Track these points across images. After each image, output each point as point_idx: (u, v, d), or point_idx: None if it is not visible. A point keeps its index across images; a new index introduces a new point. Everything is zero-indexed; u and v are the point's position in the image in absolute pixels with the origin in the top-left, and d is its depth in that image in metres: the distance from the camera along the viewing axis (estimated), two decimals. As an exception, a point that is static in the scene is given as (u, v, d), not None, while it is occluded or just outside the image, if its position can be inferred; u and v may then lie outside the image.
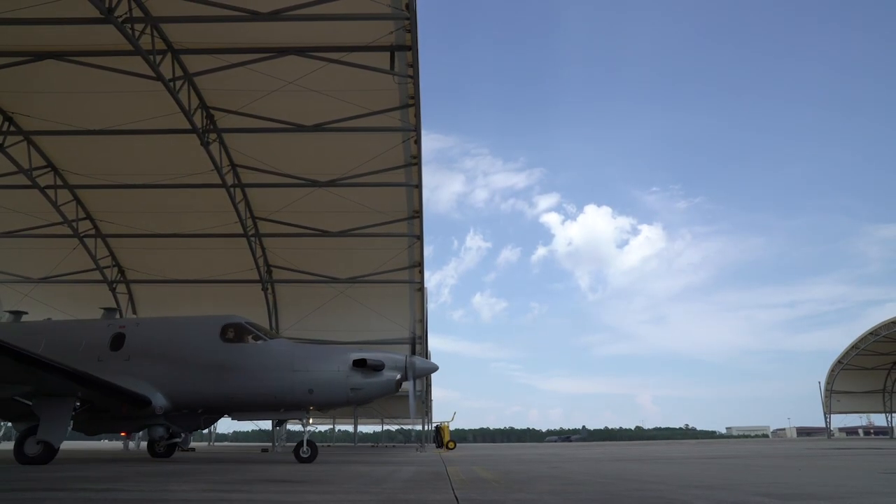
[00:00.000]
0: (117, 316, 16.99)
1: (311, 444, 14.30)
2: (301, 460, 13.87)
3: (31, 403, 12.80)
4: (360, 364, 14.20)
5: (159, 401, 14.31)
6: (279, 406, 14.71)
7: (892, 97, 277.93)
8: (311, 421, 15.18)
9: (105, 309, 16.82)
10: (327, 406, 15.18)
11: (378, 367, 14.26)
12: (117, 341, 15.07)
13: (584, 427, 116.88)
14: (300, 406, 14.62)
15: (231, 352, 14.64)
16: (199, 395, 14.63)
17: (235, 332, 15.01)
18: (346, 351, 14.80)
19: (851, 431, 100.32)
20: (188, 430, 16.74)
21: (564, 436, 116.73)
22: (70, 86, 19.78)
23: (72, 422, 13.35)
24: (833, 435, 72.11)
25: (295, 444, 15.23)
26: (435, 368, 15.33)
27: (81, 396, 13.02)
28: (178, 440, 16.57)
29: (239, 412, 15.56)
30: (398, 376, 14.39)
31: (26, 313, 16.89)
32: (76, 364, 12.75)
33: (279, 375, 14.26)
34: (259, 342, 14.89)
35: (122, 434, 22.09)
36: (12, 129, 21.80)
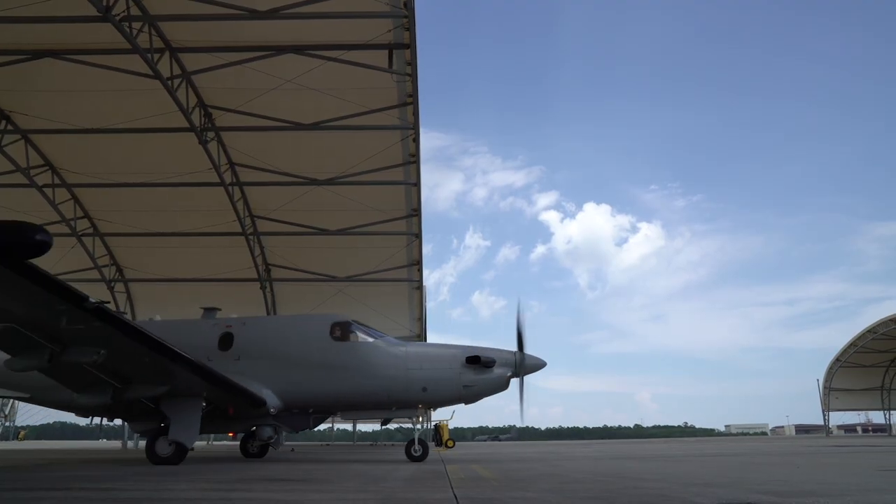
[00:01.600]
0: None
1: (422, 442, 14.31)
2: (413, 458, 13.94)
3: (152, 405, 12.73)
4: (472, 361, 14.16)
5: (272, 401, 14.18)
6: (391, 405, 14.58)
7: (892, 95, 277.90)
8: (420, 419, 15.14)
9: (205, 308, 16.54)
10: (439, 404, 15.05)
11: (489, 364, 14.18)
12: (226, 341, 14.89)
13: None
14: (413, 404, 14.49)
15: (343, 350, 14.47)
16: (311, 394, 14.49)
17: (344, 330, 14.87)
18: (457, 347, 14.72)
19: (850, 429, 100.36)
20: (296, 430, 16.60)
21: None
22: (68, 84, 19.72)
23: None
24: (831, 432, 72.22)
25: (406, 441, 15.22)
26: (544, 364, 14.99)
27: (206, 396, 12.94)
28: (271, 442, 16.46)
29: (350, 411, 15.44)
30: (509, 373, 14.32)
31: (125, 314, 16.49)
32: None
33: (393, 374, 14.15)
34: (370, 340, 14.76)
35: (230, 434, 21.91)
36: (10, 127, 21.74)
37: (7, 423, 41.50)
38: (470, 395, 14.45)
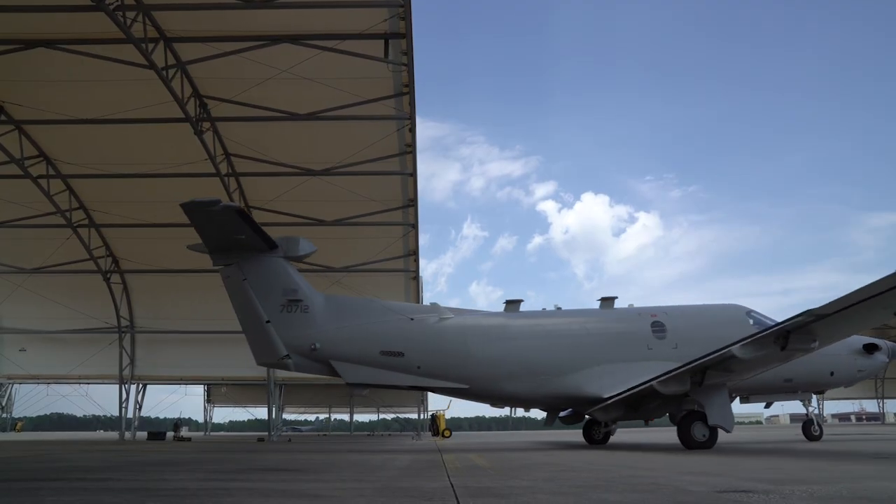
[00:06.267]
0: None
1: (819, 424, 15.19)
2: (812, 438, 14.84)
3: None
4: (868, 348, 14.87)
5: None
6: (798, 388, 15.13)
7: (886, 87, 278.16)
8: (811, 402, 15.95)
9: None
10: (833, 386, 15.75)
11: (877, 350, 14.95)
12: (658, 329, 15.34)
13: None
14: (817, 387, 15.19)
15: None
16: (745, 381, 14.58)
17: (751, 318, 15.23)
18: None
19: (844, 418, 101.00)
20: None
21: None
22: (62, 74, 19.59)
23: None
24: (826, 421, 72.65)
25: (802, 422, 16.29)
26: None
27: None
28: (612, 428, 17.14)
29: (760, 394, 15.70)
30: (887, 359, 15.14)
31: (521, 301, 16.47)
32: (629, 354, 14.14)
33: (811, 359, 14.24)
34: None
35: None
36: (3, 118, 21.60)
37: (4, 415, 41.41)
38: (857, 379, 15.36)
